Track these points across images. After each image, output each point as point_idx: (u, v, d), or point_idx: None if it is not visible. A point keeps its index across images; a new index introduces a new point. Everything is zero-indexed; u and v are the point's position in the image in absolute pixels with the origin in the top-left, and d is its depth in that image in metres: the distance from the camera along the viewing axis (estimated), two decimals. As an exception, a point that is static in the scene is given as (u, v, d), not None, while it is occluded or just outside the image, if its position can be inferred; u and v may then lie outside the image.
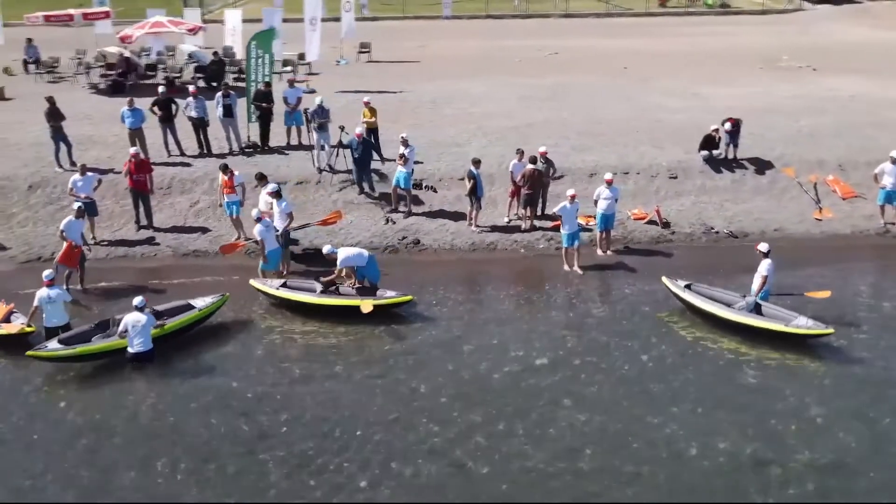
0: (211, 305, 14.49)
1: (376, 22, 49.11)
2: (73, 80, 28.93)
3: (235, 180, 16.61)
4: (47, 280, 13.15)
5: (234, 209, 16.92)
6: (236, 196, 16.73)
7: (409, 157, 18.32)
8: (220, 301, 14.67)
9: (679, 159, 20.70)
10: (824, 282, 15.59)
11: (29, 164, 20.05)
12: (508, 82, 29.19)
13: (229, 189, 16.65)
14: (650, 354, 13.63)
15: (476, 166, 17.89)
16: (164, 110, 20.32)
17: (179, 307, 14.38)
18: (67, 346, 13.08)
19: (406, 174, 18.47)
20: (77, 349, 13.08)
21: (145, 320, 13.08)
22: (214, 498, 10.39)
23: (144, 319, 13.07)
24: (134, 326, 12.99)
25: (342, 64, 33.24)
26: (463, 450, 11.32)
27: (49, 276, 13.24)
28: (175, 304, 14.46)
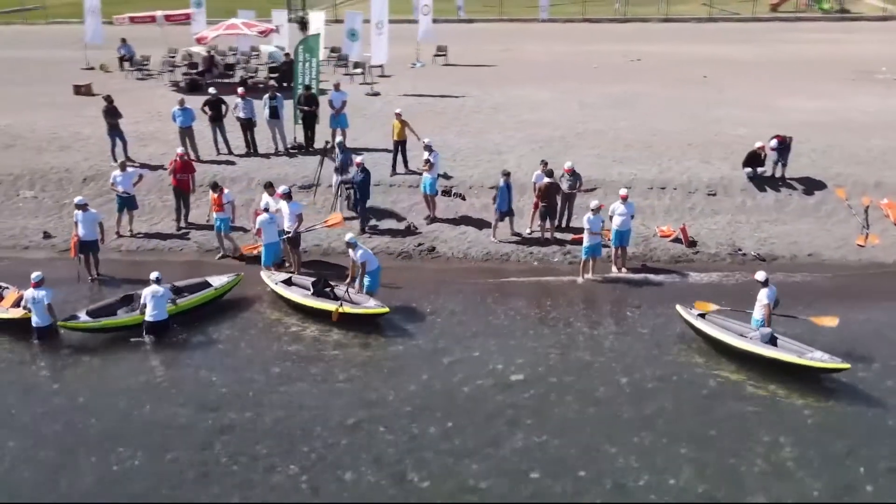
0: (226, 285, 15.52)
1: (472, 24, 49.45)
2: (160, 77, 30.60)
3: (225, 198, 16.89)
4: (34, 282, 13.97)
5: (224, 226, 17.16)
6: (225, 214, 17.03)
7: (433, 161, 18.40)
8: (235, 280, 15.65)
9: (722, 175, 19.92)
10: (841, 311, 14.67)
11: (90, 158, 21.38)
12: (576, 89, 28.80)
13: (218, 207, 16.98)
14: (631, 378, 13.25)
15: (506, 178, 17.76)
16: (213, 110, 21.23)
17: (198, 284, 15.44)
18: (94, 318, 14.31)
19: (432, 180, 18.58)
20: (102, 322, 14.33)
21: (162, 292, 14.17)
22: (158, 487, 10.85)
23: (161, 291, 14.17)
24: (152, 298, 14.05)
25: (417, 66, 33.64)
26: (409, 461, 11.38)
27: (36, 277, 14.04)
28: (195, 282, 15.51)
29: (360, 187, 17.95)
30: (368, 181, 18.18)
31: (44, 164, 20.99)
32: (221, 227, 16.99)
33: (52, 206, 19.53)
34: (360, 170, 18.06)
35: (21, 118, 24.89)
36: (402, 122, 20.06)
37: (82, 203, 16.45)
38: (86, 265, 16.54)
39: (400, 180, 20.04)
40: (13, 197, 19.79)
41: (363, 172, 18.03)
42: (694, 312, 14.10)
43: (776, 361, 13.16)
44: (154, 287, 14.17)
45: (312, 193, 19.33)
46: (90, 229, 16.27)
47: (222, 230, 17.07)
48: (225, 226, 16.99)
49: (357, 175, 18.06)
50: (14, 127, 23.98)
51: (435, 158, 18.53)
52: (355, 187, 18.12)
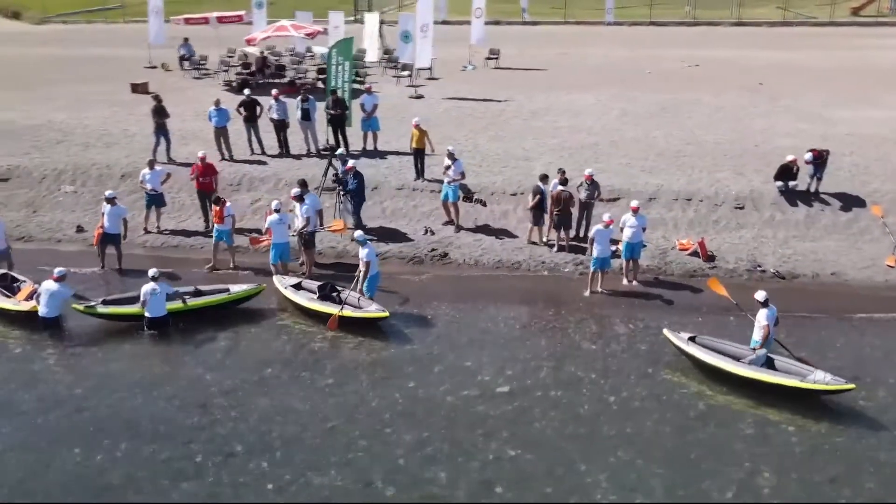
0: (241, 292, 15.63)
1: (536, 27, 49.22)
2: (215, 77, 31.46)
3: (226, 211, 17.03)
4: (56, 276, 14.58)
5: (225, 238, 17.26)
6: (226, 226, 17.09)
7: (455, 169, 18.42)
8: (254, 290, 15.72)
9: (753, 188, 19.33)
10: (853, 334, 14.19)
11: (131, 155, 22.14)
12: (623, 95, 28.38)
13: (219, 220, 17.05)
14: (619, 396, 13.02)
15: (544, 182, 17.63)
16: (248, 111, 21.73)
17: (217, 289, 15.70)
18: (106, 306, 15.05)
19: (454, 188, 18.61)
20: (110, 310, 15.02)
21: (159, 290, 14.56)
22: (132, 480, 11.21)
23: (159, 289, 14.57)
24: (151, 294, 14.49)
25: (468, 70, 33.66)
26: (378, 466, 11.45)
27: (59, 272, 14.64)
28: (214, 287, 15.80)
29: (354, 192, 18.08)
30: (362, 185, 18.29)
31: (87, 159, 21.86)
32: (222, 238, 17.12)
33: (90, 200, 20.30)
34: (352, 174, 18.17)
35: (77, 114, 26.00)
36: (421, 132, 19.95)
37: (111, 197, 17.12)
38: (103, 256, 17.15)
39: (423, 184, 20.09)
40: (55, 191, 20.65)
41: (356, 177, 18.15)
42: (683, 336, 13.71)
43: (777, 387, 12.72)
44: (152, 284, 14.55)
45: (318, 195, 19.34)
46: (115, 223, 16.94)
47: (224, 240, 17.18)
48: (227, 237, 17.16)
49: (350, 180, 18.16)
50: (68, 123, 25.07)
51: (457, 167, 18.47)
52: (350, 192, 18.21)
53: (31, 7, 53.95)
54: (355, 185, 18.08)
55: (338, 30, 34.48)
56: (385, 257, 17.78)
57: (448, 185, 18.63)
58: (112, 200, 17.01)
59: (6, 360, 14.14)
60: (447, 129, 24.37)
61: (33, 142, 23.35)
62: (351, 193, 18.16)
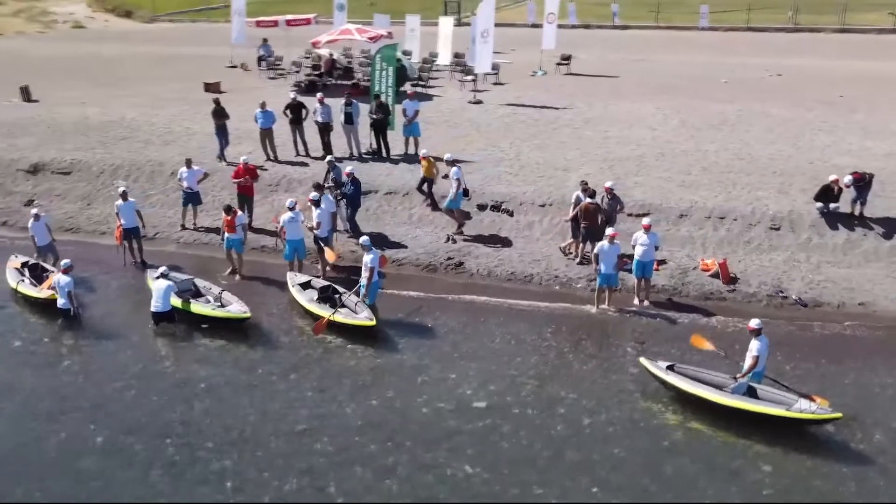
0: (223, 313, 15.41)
1: (626, 31, 48.29)
2: (288, 77, 32.37)
3: (238, 220, 17.31)
4: (63, 268, 15.35)
5: (236, 247, 17.52)
6: (237, 235, 17.32)
7: (455, 176, 18.39)
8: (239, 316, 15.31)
9: (792, 209, 18.40)
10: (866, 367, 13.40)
11: (186, 153, 22.96)
12: (687, 105, 27.51)
13: (230, 229, 17.23)
14: (596, 419, 12.71)
15: (585, 193, 17.34)
16: (294, 114, 22.29)
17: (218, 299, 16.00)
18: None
19: (457, 196, 18.63)
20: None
21: (165, 286, 15.15)
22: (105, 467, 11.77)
23: (164, 286, 15.16)
24: (157, 290, 15.16)
25: (538, 75, 33.37)
26: (336, 473, 11.61)
27: (65, 265, 15.41)
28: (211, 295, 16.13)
29: (350, 197, 18.24)
30: (359, 191, 18.42)
31: (144, 156, 22.92)
32: (232, 247, 17.46)
33: (139, 196, 21.13)
34: (350, 180, 18.33)
35: (148, 112, 27.31)
36: (430, 162, 19.63)
37: (124, 192, 17.93)
38: (129, 251, 17.99)
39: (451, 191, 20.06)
40: (108, 186, 21.76)
41: (353, 183, 18.31)
42: (662, 365, 13.22)
43: (761, 416, 12.16)
44: (160, 281, 15.22)
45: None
46: (131, 217, 17.71)
47: (234, 248, 17.51)
48: (237, 246, 17.49)
49: (348, 186, 18.31)
50: (136, 120, 26.36)
51: (455, 174, 18.45)
52: (346, 197, 18.36)
53: (142, 6, 56.86)
54: (352, 190, 18.26)
55: (413, 33, 35.04)
56: (401, 263, 17.97)
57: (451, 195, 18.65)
58: (125, 195, 17.79)
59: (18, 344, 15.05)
60: (495, 135, 24.31)
61: (101, 137, 24.68)
62: (347, 199, 18.34)
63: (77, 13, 55.48)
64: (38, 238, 17.29)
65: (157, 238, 19.56)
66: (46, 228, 17.50)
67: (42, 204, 21.22)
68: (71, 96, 29.66)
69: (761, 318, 15.13)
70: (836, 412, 11.87)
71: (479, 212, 19.53)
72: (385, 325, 15.55)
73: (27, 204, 21.23)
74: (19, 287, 16.35)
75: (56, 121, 26.41)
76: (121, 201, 17.81)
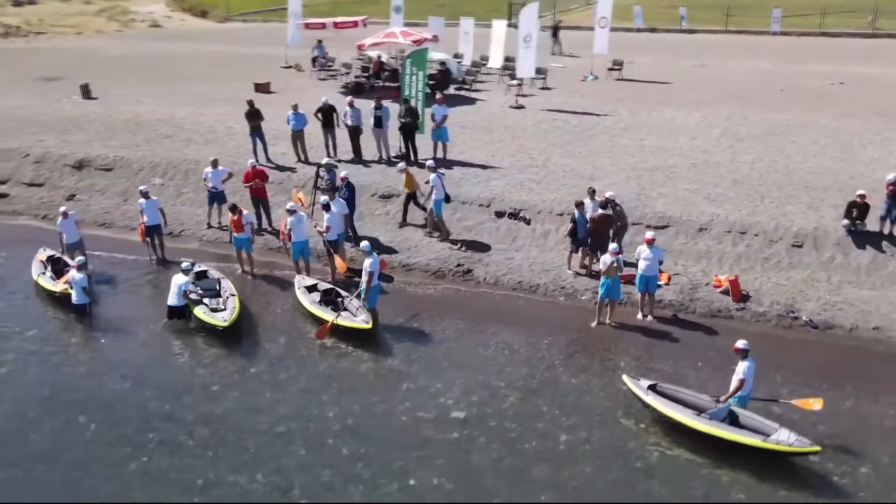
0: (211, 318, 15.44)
1: (694, 35, 47.17)
2: (338, 79, 32.82)
3: (244, 219, 17.55)
4: (77, 265, 15.96)
5: (245, 246, 17.79)
6: (245, 234, 17.59)
7: (433, 183, 18.44)
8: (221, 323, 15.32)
9: (818, 225, 17.69)
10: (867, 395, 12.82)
11: (223, 153, 23.50)
12: (735, 114, 26.75)
13: (237, 228, 17.51)
14: (572, 436, 12.51)
15: (579, 209, 17.17)
16: (325, 117, 22.59)
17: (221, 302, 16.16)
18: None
19: (438, 201, 18.67)
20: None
21: (181, 282, 15.61)
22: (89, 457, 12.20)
23: (181, 281, 15.62)
24: (174, 285, 15.65)
25: (589, 80, 32.92)
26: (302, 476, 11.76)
27: (79, 261, 16.04)
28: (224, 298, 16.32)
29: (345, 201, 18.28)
30: (353, 196, 18.42)
31: (182, 155, 23.58)
32: (242, 246, 17.76)
33: (172, 193, 21.96)
34: (344, 185, 18.39)
35: (196, 111, 28.12)
36: (409, 175, 19.49)
37: (146, 191, 18.49)
38: (152, 247, 18.56)
39: (473, 197, 20.03)
40: (145, 183, 22.44)
41: (347, 188, 18.35)
42: (643, 384, 12.88)
43: (736, 444, 11.77)
44: (178, 276, 15.73)
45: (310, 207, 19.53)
46: (154, 215, 18.24)
47: (244, 248, 17.82)
48: (245, 245, 17.79)
49: (342, 191, 18.37)
50: (184, 119, 27.18)
51: (434, 181, 18.46)
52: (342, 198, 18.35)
53: (217, 5, 58.48)
54: (346, 195, 18.35)
55: (467, 35, 35.10)
56: (410, 268, 18.03)
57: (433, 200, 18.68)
58: (146, 194, 18.35)
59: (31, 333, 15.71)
60: (528, 141, 24.14)
61: (147, 135, 25.54)
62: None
63: (156, 12, 57.46)
64: (67, 235, 17.79)
65: (182, 235, 20.11)
66: (75, 226, 18.00)
67: (82, 198, 22.20)
68: (128, 94, 30.77)
69: (770, 339, 14.87)
70: (814, 445, 11.38)
71: (497, 219, 19.42)
72: (383, 330, 15.65)
73: (69, 198, 22.17)
74: (39, 279, 17.08)
75: (110, 118, 27.46)
76: (143, 200, 18.38)
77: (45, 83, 33.32)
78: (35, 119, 27.50)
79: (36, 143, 24.90)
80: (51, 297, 16.75)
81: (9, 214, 21.81)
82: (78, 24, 51.16)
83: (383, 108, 22.26)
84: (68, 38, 47.21)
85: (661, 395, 12.68)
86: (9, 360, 14.74)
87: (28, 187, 23.09)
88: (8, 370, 14.50)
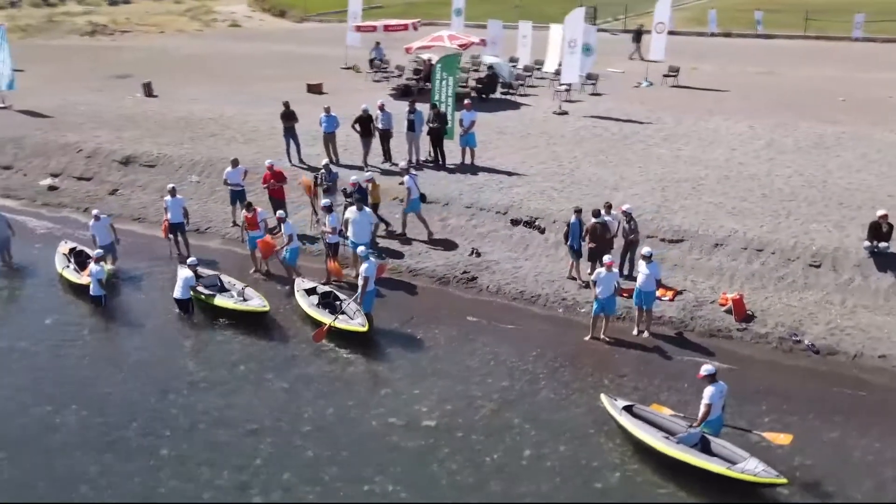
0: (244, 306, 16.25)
1: (770, 40, 45.62)
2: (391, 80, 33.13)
3: (259, 216, 17.83)
4: (95, 257, 16.68)
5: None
6: (259, 232, 17.81)
7: (407, 185, 18.67)
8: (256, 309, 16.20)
9: (840, 245, 16.92)
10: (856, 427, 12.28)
11: (261, 152, 24.14)
12: (785, 125, 25.82)
13: (252, 226, 17.80)
14: (537, 452, 12.37)
15: (576, 215, 17.07)
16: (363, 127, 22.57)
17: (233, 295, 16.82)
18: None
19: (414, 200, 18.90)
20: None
21: (186, 276, 16.24)
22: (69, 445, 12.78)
23: (186, 275, 16.24)
24: (181, 279, 16.27)
25: (643, 86, 32.26)
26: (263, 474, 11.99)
27: (97, 254, 16.79)
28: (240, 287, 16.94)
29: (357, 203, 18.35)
30: (365, 201, 18.49)
31: (221, 153, 24.22)
32: (256, 245, 18.02)
33: (207, 191, 22.66)
34: (355, 189, 18.50)
35: (244, 110, 28.86)
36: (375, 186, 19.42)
37: (172, 189, 19.11)
38: (175, 244, 19.20)
39: (491, 204, 19.95)
40: (184, 180, 23.25)
41: (359, 192, 18.46)
42: (619, 404, 12.59)
43: (702, 470, 11.42)
44: (183, 269, 16.28)
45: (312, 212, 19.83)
46: (178, 212, 18.85)
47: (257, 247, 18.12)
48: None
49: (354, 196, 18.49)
50: (232, 118, 27.98)
51: (410, 182, 18.67)
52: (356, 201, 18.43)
53: (296, 5, 59.83)
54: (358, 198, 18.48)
55: (525, 39, 34.91)
56: (417, 274, 18.11)
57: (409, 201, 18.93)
58: (174, 192, 18.97)
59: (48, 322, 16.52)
60: (562, 148, 23.89)
61: (193, 133, 26.42)
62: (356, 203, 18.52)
63: (237, 13, 59.21)
64: (99, 238, 18.18)
65: (207, 232, 20.75)
66: (108, 229, 18.31)
67: (124, 193, 23.17)
68: (187, 93, 31.87)
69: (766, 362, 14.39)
70: (780, 477, 10.93)
71: (512, 226, 19.30)
72: (377, 334, 15.78)
73: (111, 193, 23.18)
74: (64, 272, 17.92)
75: (163, 116, 28.52)
76: (169, 197, 19.04)
77: (116, 80, 34.81)
78: (97, 115, 28.81)
79: (91, 139, 26.09)
80: (75, 289, 17.49)
81: (55, 206, 22.92)
82: (161, 23, 53.20)
83: (417, 112, 22.36)
84: (150, 37, 49.13)
85: (637, 417, 12.39)
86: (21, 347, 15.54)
87: (77, 181, 24.22)
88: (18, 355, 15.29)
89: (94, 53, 42.84)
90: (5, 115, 28.93)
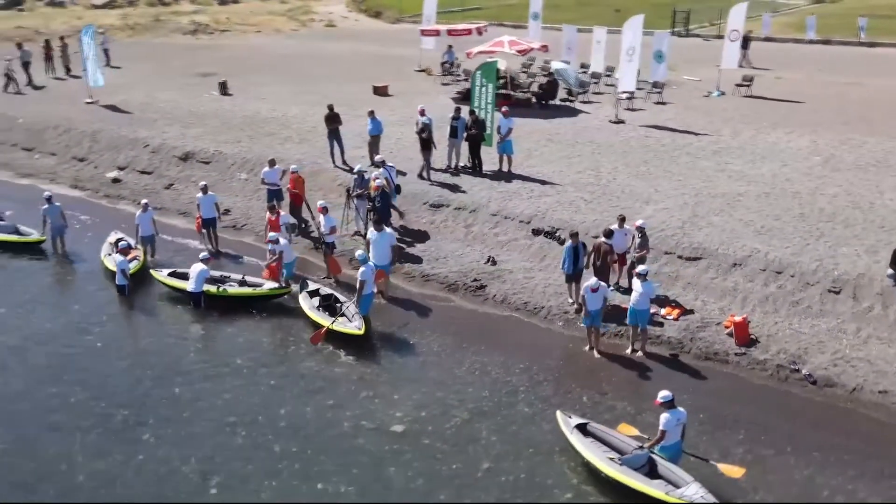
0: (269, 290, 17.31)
1: (874, 49, 43.34)
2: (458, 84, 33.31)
3: (281, 220, 18.29)
4: (121, 248, 17.59)
5: None
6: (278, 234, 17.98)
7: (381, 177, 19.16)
8: (279, 290, 17.33)
9: (865, 272, 16.05)
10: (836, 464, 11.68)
11: (308, 153, 24.78)
12: (851, 140, 24.63)
13: (274, 228, 18.19)
14: (496, 465, 12.35)
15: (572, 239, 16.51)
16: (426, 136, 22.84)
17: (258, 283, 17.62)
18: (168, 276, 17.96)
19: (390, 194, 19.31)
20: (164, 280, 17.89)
21: (200, 270, 16.94)
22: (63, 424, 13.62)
23: (199, 269, 16.95)
24: (195, 272, 17.00)
25: (714, 96, 31.26)
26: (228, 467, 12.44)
27: (123, 245, 17.70)
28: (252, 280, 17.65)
29: (379, 211, 18.53)
30: (387, 204, 18.67)
31: (274, 152, 24.86)
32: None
33: (253, 189, 23.43)
34: (378, 195, 18.66)
35: (307, 110, 29.54)
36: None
37: (204, 186, 19.93)
38: (208, 239, 20.03)
39: (517, 213, 19.87)
40: (234, 177, 24.18)
41: (382, 197, 18.60)
42: (571, 423, 12.36)
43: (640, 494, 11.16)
44: (199, 264, 17.01)
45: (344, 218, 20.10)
46: (210, 209, 19.67)
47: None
48: None
49: (377, 200, 18.71)
50: (294, 118, 28.83)
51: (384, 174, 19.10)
52: (377, 210, 18.66)
53: (392, 6, 60.79)
54: (381, 204, 18.72)
55: (599, 44, 34.42)
56: (428, 279, 18.26)
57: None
58: (205, 189, 19.77)
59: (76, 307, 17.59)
60: (606, 157, 23.55)
61: (253, 132, 27.39)
62: (377, 211, 18.74)
63: (335, 13, 60.72)
64: (143, 228, 19.13)
65: (243, 228, 21.53)
66: (152, 221, 19.30)
67: (178, 188, 24.30)
68: (260, 92, 33.01)
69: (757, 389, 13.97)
70: (716, 503, 10.61)
71: (533, 236, 19.19)
72: (373, 338, 16.06)
73: (167, 187, 24.37)
74: (105, 260, 19.01)
75: (231, 114, 29.67)
76: (201, 194, 19.89)
77: (199, 78, 36.37)
78: (171, 112, 30.25)
79: (159, 134, 27.46)
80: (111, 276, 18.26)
81: (114, 198, 24.27)
82: (260, 23, 55.13)
83: (460, 118, 22.48)
84: (247, 37, 51.00)
85: (590, 436, 12.20)
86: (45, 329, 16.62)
87: (140, 174, 25.55)
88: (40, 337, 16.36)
89: (191, 52, 44.76)
90: (90, 111, 30.76)
